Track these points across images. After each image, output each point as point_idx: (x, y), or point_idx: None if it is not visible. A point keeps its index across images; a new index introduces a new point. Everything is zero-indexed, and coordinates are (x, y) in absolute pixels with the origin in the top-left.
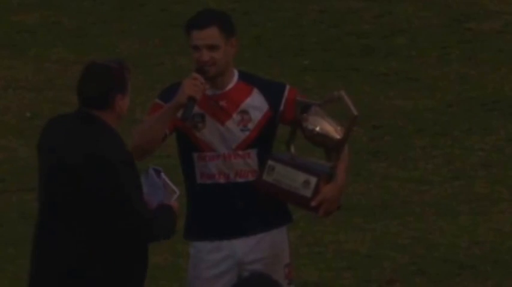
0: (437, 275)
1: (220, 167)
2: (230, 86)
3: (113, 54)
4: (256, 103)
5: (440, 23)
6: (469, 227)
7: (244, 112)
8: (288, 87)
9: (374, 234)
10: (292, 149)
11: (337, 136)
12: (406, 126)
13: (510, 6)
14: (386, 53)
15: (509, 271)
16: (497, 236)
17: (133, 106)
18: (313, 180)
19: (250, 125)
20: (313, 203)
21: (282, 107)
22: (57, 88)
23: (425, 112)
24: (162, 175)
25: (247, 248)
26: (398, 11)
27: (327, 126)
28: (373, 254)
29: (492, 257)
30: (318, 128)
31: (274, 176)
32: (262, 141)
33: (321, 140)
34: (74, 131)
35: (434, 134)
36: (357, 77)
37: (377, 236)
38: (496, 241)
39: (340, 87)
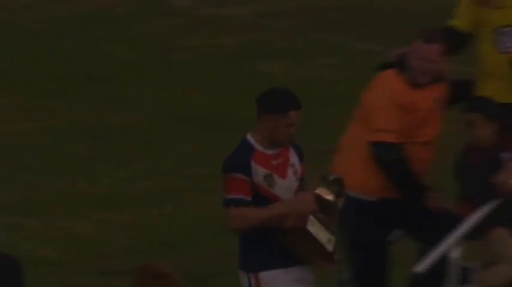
0: None
1: None
2: None
3: None
4: (295, 159)
5: None
6: None
7: (293, 165)
8: None
9: None
10: None
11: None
12: None
13: None
14: None
15: None
16: None
17: None
18: (333, 238)
19: (298, 175)
20: (336, 257)
21: (302, 168)
22: None
23: None
24: None
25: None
26: None
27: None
28: None
29: None
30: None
31: (313, 229)
32: None
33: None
34: None
35: None
36: None
37: None
38: None
39: None
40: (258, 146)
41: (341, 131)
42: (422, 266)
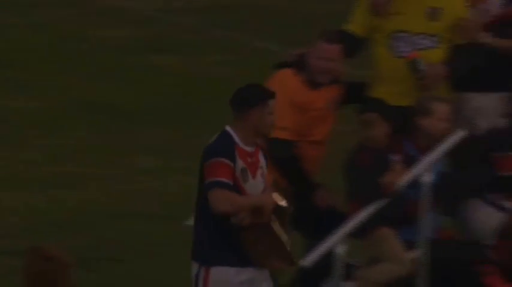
0: None
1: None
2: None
3: None
4: (263, 162)
5: None
6: None
7: (261, 167)
8: None
9: None
10: None
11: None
12: None
13: None
14: None
15: None
16: None
17: None
18: (290, 242)
19: (264, 178)
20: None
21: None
22: None
23: None
24: None
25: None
26: None
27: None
28: None
29: None
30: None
31: (276, 228)
32: None
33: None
34: None
35: None
36: None
37: None
38: None
39: None
40: (238, 141)
41: None
42: (308, 260)
